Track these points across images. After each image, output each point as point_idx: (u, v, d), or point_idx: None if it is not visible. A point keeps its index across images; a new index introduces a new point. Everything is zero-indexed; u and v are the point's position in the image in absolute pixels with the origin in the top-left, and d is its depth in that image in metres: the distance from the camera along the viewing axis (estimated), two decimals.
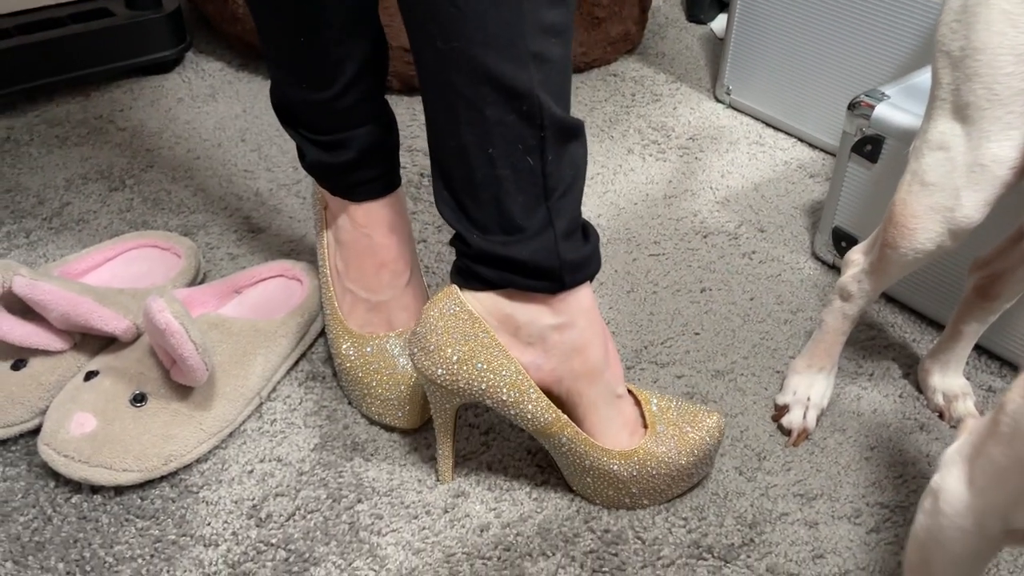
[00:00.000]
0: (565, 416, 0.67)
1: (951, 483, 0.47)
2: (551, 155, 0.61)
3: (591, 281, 0.67)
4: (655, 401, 0.72)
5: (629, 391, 0.72)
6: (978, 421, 0.49)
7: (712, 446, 0.72)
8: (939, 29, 0.64)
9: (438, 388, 0.66)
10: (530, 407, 0.65)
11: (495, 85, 0.58)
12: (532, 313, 0.65)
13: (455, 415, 0.69)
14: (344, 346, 0.78)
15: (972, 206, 0.64)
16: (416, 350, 0.65)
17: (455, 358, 0.64)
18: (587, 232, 0.66)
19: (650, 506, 0.72)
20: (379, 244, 0.78)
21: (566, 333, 0.65)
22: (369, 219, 0.78)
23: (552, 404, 0.66)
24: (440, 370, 0.65)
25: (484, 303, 0.65)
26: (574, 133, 0.62)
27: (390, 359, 0.76)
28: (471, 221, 0.63)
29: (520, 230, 0.62)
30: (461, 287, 0.65)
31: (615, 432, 0.69)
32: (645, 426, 0.71)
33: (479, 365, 0.64)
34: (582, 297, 0.66)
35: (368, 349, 0.77)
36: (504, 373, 0.65)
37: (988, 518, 0.45)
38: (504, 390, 0.65)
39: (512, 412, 0.66)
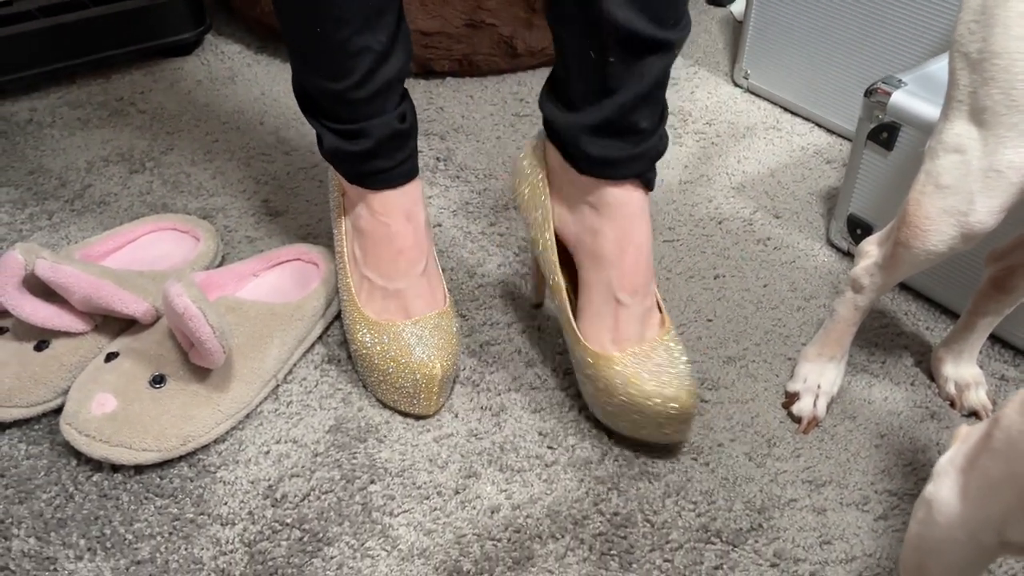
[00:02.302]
0: (565, 284, 0.77)
1: (944, 494, 0.47)
2: (613, 58, 0.67)
3: (634, 185, 0.73)
4: (672, 345, 0.75)
5: (662, 317, 0.77)
6: (971, 430, 0.49)
7: (651, 412, 0.72)
8: (957, 28, 0.63)
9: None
10: (547, 255, 0.78)
11: None
12: (575, 182, 0.75)
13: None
14: (361, 333, 0.79)
15: (986, 211, 0.63)
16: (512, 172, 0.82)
17: (526, 196, 0.80)
18: (635, 141, 0.71)
19: (607, 424, 0.77)
20: (396, 232, 0.79)
21: (588, 212, 0.75)
22: (387, 207, 0.79)
23: (558, 267, 0.77)
24: (516, 194, 0.81)
25: (554, 158, 0.76)
26: (650, 47, 0.67)
27: (406, 348, 0.77)
28: (554, 92, 0.74)
29: (576, 111, 0.71)
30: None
31: (598, 331, 0.75)
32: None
33: (527, 195, 0.79)
34: (613, 191, 0.73)
35: (385, 337, 0.78)
36: (541, 212, 0.78)
37: (982, 531, 0.46)
38: (536, 226, 0.79)
39: (539, 251, 0.79)
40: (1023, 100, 0.60)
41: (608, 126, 0.71)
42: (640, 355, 0.74)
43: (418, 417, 0.79)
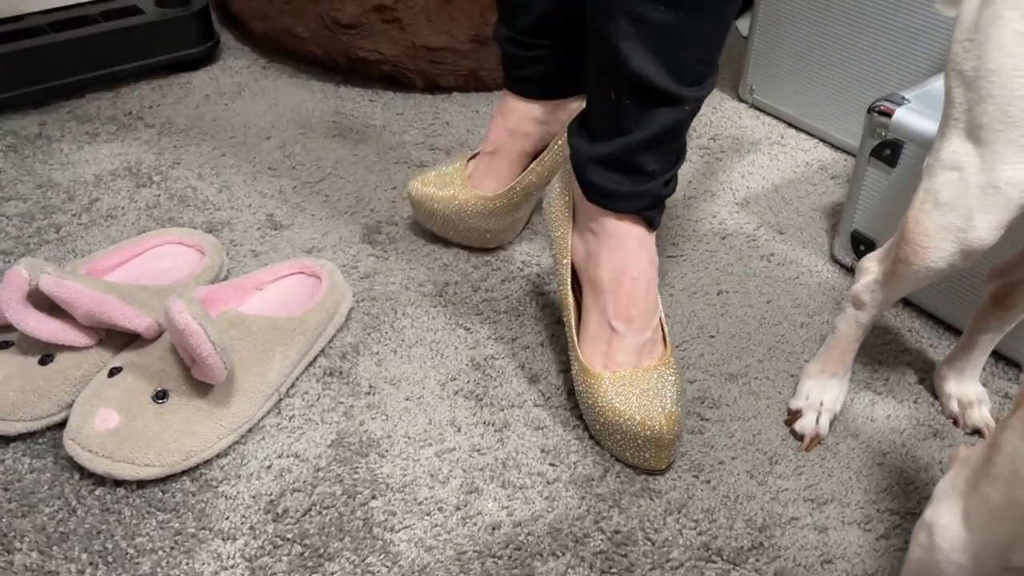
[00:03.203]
0: (572, 302, 0.81)
1: (945, 518, 0.47)
2: (627, 100, 0.71)
3: (634, 221, 0.77)
4: (665, 372, 0.76)
5: (664, 349, 0.79)
6: (970, 452, 0.48)
7: (630, 434, 0.74)
8: (952, 47, 0.63)
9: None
10: (561, 271, 0.83)
11: (592, 30, 0.72)
12: (585, 209, 0.80)
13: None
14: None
15: (985, 228, 0.63)
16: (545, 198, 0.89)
17: (552, 214, 0.86)
18: (639, 180, 0.75)
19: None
20: (492, 119, 0.96)
21: (591, 239, 0.79)
22: (505, 100, 0.95)
23: (569, 284, 0.81)
24: (545, 211, 0.87)
25: (575, 185, 0.81)
26: (662, 99, 0.71)
27: (444, 190, 0.96)
28: (581, 122, 0.80)
29: (591, 141, 0.76)
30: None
31: (591, 352, 0.78)
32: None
33: (554, 213, 0.85)
34: (613, 222, 0.77)
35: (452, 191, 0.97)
36: (562, 232, 0.84)
37: (984, 555, 0.45)
38: (557, 243, 0.84)
39: (557, 266, 0.84)
40: (1019, 117, 0.60)
41: (615, 161, 0.75)
42: (629, 378, 0.76)
43: (418, 430, 0.79)
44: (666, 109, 0.71)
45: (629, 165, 0.74)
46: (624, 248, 0.77)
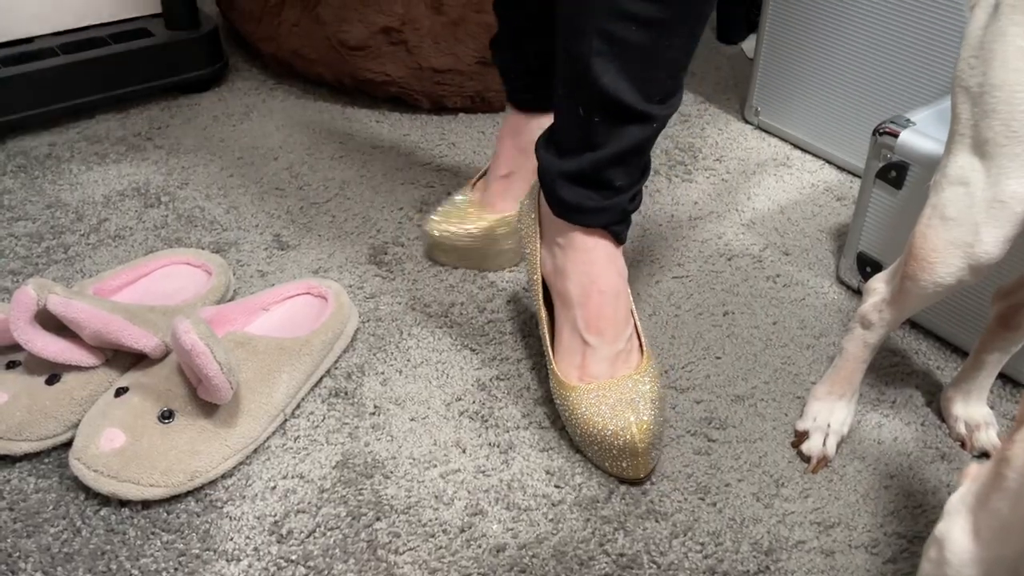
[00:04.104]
0: (545, 315, 0.82)
1: (956, 533, 0.47)
2: (597, 118, 0.72)
3: (602, 235, 0.78)
4: (640, 379, 0.76)
5: (642, 359, 0.79)
6: (981, 468, 0.48)
7: (605, 444, 0.74)
8: (958, 64, 0.64)
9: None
10: (534, 288, 0.84)
11: (562, 48, 0.72)
12: (553, 223, 0.80)
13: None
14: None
15: (992, 242, 0.64)
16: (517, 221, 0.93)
17: (523, 230, 0.86)
18: (606, 195, 0.76)
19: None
20: (497, 138, 0.99)
21: (559, 252, 0.80)
22: (511, 120, 0.97)
23: (542, 300, 0.83)
24: (517, 229, 0.94)
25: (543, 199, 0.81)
26: (632, 116, 0.71)
27: (470, 212, 0.99)
28: (550, 137, 0.79)
29: (560, 157, 0.76)
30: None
31: (566, 363, 0.79)
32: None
33: (523, 231, 0.86)
34: (581, 237, 0.78)
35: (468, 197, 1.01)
36: (531, 248, 0.84)
37: (995, 570, 0.45)
38: (528, 260, 0.85)
39: (530, 283, 0.86)
40: (1023, 131, 0.60)
41: (583, 177, 0.76)
42: (603, 388, 0.76)
43: (423, 451, 0.79)
44: (635, 126, 0.72)
45: (597, 180, 0.75)
46: (591, 262, 0.78)
